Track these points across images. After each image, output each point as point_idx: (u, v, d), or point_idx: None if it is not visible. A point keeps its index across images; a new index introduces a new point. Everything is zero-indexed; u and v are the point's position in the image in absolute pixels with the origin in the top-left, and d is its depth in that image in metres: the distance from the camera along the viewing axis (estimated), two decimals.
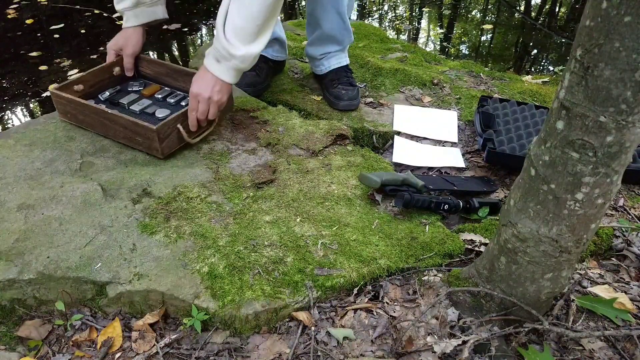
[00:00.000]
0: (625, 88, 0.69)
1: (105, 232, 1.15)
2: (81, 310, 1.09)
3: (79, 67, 2.97)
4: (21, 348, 1.03)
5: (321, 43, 1.73)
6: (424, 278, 1.12)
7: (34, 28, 3.49)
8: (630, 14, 0.65)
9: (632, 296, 1.10)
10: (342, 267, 1.10)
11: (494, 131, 1.57)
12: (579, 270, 1.17)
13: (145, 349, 1.00)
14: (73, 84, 1.52)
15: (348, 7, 1.67)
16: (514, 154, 1.46)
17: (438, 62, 2.29)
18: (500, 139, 1.53)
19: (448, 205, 1.29)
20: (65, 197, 1.23)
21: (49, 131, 1.49)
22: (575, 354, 0.98)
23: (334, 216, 1.24)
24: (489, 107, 1.70)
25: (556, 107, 0.79)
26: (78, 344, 1.03)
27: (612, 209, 1.37)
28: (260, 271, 1.07)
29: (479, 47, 3.64)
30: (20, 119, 2.68)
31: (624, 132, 0.73)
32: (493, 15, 4.26)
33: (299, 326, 1.02)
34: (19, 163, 1.35)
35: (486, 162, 1.50)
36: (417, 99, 1.89)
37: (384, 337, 1.01)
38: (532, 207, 0.87)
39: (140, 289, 1.04)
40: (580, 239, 0.87)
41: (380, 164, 1.48)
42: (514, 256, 0.93)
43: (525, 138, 1.54)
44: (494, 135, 1.54)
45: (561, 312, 1.05)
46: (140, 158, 1.40)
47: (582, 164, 0.78)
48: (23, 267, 1.07)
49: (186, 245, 1.13)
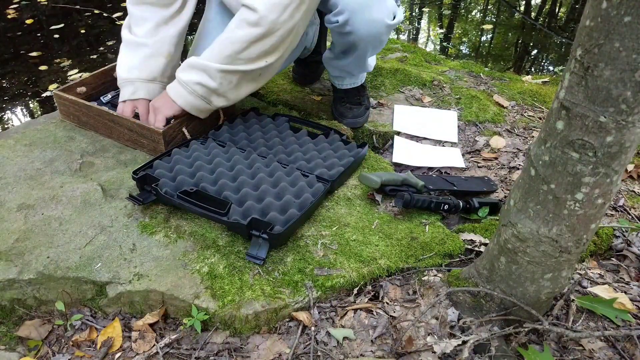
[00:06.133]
0: (625, 88, 0.69)
1: (105, 232, 1.15)
2: (81, 310, 1.09)
3: (78, 67, 2.97)
4: (21, 348, 1.03)
5: (339, 71, 1.60)
6: (424, 278, 1.12)
7: (34, 28, 3.49)
8: (630, 14, 0.65)
9: (632, 296, 1.10)
10: (342, 267, 1.10)
11: None
12: (579, 270, 1.17)
13: (145, 349, 1.00)
14: (76, 86, 1.53)
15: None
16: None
17: (438, 62, 2.29)
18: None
19: (448, 205, 1.29)
20: (65, 197, 1.23)
21: (49, 131, 1.49)
22: (575, 354, 0.98)
23: (334, 216, 1.25)
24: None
25: (556, 107, 0.79)
26: (78, 344, 1.03)
27: (612, 209, 1.37)
28: (260, 271, 1.07)
29: (479, 47, 3.64)
30: (20, 119, 2.68)
31: (624, 132, 0.73)
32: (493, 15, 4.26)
33: (299, 326, 1.02)
34: (19, 163, 1.35)
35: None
36: (417, 99, 1.89)
37: (384, 337, 1.01)
38: (532, 207, 0.87)
39: (140, 289, 1.04)
40: (580, 239, 0.87)
41: (380, 164, 1.48)
42: (514, 256, 0.93)
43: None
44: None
45: (561, 312, 1.05)
46: (141, 158, 1.40)
47: (582, 164, 0.78)
48: (23, 267, 1.07)
49: (186, 245, 1.13)
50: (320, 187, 1.25)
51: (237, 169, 1.29)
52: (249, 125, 1.53)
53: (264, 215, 1.15)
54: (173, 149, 1.34)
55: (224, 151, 1.38)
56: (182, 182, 1.23)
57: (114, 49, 3.21)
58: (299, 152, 1.41)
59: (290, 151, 1.42)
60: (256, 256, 1.09)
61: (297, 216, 1.13)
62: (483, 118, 1.78)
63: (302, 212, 1.15)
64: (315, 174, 1.31)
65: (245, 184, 1.24)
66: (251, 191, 1.21)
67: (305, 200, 1.20)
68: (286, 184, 1.25)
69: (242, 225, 1.08)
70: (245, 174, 1.28)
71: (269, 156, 1.37)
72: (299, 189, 1.24)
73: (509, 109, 1.88)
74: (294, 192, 1.23)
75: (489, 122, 1.78)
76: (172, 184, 1.22)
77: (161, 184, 1.19)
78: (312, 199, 1.20)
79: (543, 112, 1.86)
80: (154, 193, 1.19)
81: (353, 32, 1.32)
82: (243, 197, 1.20)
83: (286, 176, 1.29)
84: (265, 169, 1.31)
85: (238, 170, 1.29)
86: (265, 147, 1.42)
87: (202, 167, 1.29)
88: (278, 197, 1.21)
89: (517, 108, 1.89)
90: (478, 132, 1.73)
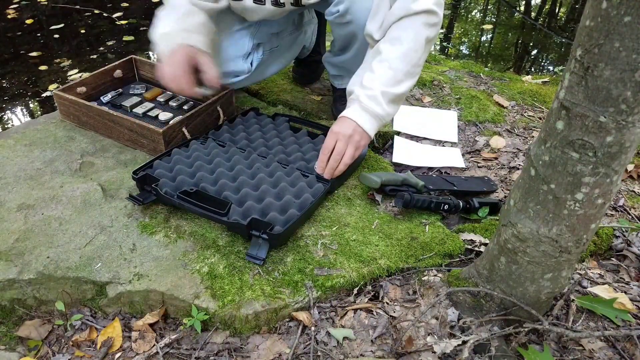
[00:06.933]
0: (625, 88, 0.69)
1: (105, 232, 1.15)
2: (81, 310, 1.09)
3: (79, 67, 2.97)
4: (21, 348, 1.03)
5: (339, 69, 1.61)
6: (423, 278, 1.12)
7: (34, 28, 3.49)
8: (630, 14, 0.65)
9: (632, 296, 1.10)
10: (342, 267, 1.10)
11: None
12: (579, 270, 1.17)
13: (145, 349, 1.00)
14: (76, 86, 1.53)
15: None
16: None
17: (438, 62, 2.29)
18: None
19: (448, 205, 1.29)
20: (65, 197, 1.23)
21: (49, 131, 1.49)
22: (575, 354, 0.98)
23: (334, 216, 1.24)
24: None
25: (556, 107, 0.79)
26: (78, 344, 1.03)
27: (612, 209, 1.37)
28: (260, 271, 1.07)
29: (479, 47, 3.64)
30: (20, 119, 2.68)
31: (624, 132, 0.73)
32: (493, 15, 4.26)
33: (299, 326, 1.02)
34: (19, 163, 1.35)
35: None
36: (417, 99, 1.89)
37: (384, 337, 1.01)
38: (532, 207, 0.87)
39: (140, 289, 1.04)
40: (580, 239, 0.87)
41: (380, 164, 1.48)
42: (514, 256, 0.93)
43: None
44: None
45: (561, 312, 1.05)
46: (140, 158, 1.40)
47: (582, 164, 0.78)
48: (23, 267, 1.07)
49: (186, 245, 1.13)
50: (320, 187, 1.25)
51: (237, 169, 1.29)
52: (249, 125, 1.53)
53: (264, 216, 1.15)
54: (173, 149, 1.34)
55: (224, 151, 1.38)
56: (182, 182, 1.23)
57: (114, 49, 3.21)
58: (299, 152, 1.41)
59: (290, 151, 1.42)
60: (256, 256, 1.09)
61: (297, 216, 1.13)
62: (483, 118, 1.78)
63: (302, 212, 1.15)
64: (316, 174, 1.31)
65: (245, 184, 1.24)
66: (251, 191, 1.21)
67: (305, 201, 1.20)
68: (286, 184, 1.25)
69: (242, 226, 1.08)
70: (245, 174, 1.28)
71: (269, 156, 1.37)
72: (299, 189, 1.24)
73: (509, 109, 1.88)
74: (294, 192, 1.23)
75: (489, 122, 1.78)
76: (172, 184, 1.22)
77: (161, 184, 1.19)
78: (312, 199, 1.20)
79: (543, 112, 1.86)
80: (154, 193, 1.19)
81: (353, 20, 1.32)
82: (243, 197, 1.20)
83: (286, 176, 1.29)
84: (265, 169, 1.31)
85: (238, 170, 1.29)
86: (265, 147, 1.42)
87: (202, 167, 1.29)
88: (278, 197, 1.21)
89: (517, 108, 1.89)
90: (478, 132, 1.73)
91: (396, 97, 1.24)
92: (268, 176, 1.28)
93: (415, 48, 1.22)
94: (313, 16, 1.70)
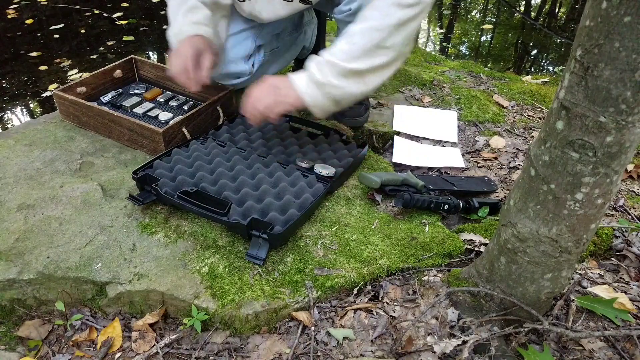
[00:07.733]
0: (625, 88, 0.69)
1: (105, 232, 1.15)
2: (81, 310, 1.09)
3: (78, 67, 2.97)
4: (21, 348, 1.03)
5: None
6: (423, 278, 1.12)
7: (34, 28, 3.49)
8: (630, 14, 0.65)
9: (632, 296, 1.10)
10: (342, 267, 1.10)
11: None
12: (579, 270, 1.17)
13: (145, 349, 1.00)
14: (76, 86, 1.53)
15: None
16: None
17: (438, 62, 2.29)
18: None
19: (448, 205, 1.29)
20: (65, 197, 1.23)
21: (49, 131, 1.49)
22: (575, 354, 0.98)
23: (334, 216, 1.24)
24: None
25: (556, 107, 0.79)
26: (78, 344, 1.03)
27: (612, 209, 1.37)
28: (260, 271, 1.07)
29: (479, 47, 3.64)
30: (20, 119, 2.68)
31: (623, 132, 0.73)
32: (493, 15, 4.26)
33: (299, 326, 1.02)
34: (19, 163, 1.35)
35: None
36: (417, 99, 1.89)
37: (383, 337, 1.01)
38: (532, 207, 0.87)
39: (140, 289, 1.04)
40: (580, 239, 0.87)
41: (380, 164, 1.48)
42: (514, 256, 0.93)
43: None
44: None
45: (561, 312, 1.05)
46: (140, 158, 1.40)
47: (582, 164, 0.78)
48: (23, 267, 1.07)
49: (186, 245, 1.13)
50: (320, 187, 1.25)
51: (237, 169, 1.29)
52: (249, 125, 1.53)
53: (264, 216, 1.15)
54: (173, 148, 1.34)
55: (224, 151, 1.38)
56: (182, 182, 1.23)
57: (114, 49, 3.22)
58: (299, 153, 1.41)
59: (291, 151, 1.42)
60: (256, 256, 1.09)
61: (297, 216, 1.13)
62: (483, 118, 1.78)
63: (302, 213, 1.15)
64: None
65: (245, 184, 1.24)
66: (251, 191, 1.21)
67: (305, 201, 1.20)
68: (286, 184, 1.25)
69: (242, 226, 1.08)
70: (245, 174, 1.28)
71: (269, 156, 1.37)
72: (299, 189, 1.24)
73: (508, 109, 1.88)
74: (293, 192, 1.23)
75: (488, 122, 1.78)
76: (172, 184, 1.22)
77: (161, 184, 1.19)
78: (312, 199, 1.20)
79: (543, 112, 1.86)
80: (154, 193, 1.19)
81: None
82: (243, 197, 1.20)
83: (286, 176, 1.29)
84: (265, 169, 1.31)
85: (238, 170, 1.29)
86: (265, 147, 1.42)
87: (202, 167, 1.29)
88: (278, 197, 1.21)
89: (517, 108, 1.89)
90: (478, 132, 1.73)
91: (348, 72, 1.15)
92: (268, 176, 1.28)
93: (379, 27, 1.14)
94: (313, 16, 1.70)
